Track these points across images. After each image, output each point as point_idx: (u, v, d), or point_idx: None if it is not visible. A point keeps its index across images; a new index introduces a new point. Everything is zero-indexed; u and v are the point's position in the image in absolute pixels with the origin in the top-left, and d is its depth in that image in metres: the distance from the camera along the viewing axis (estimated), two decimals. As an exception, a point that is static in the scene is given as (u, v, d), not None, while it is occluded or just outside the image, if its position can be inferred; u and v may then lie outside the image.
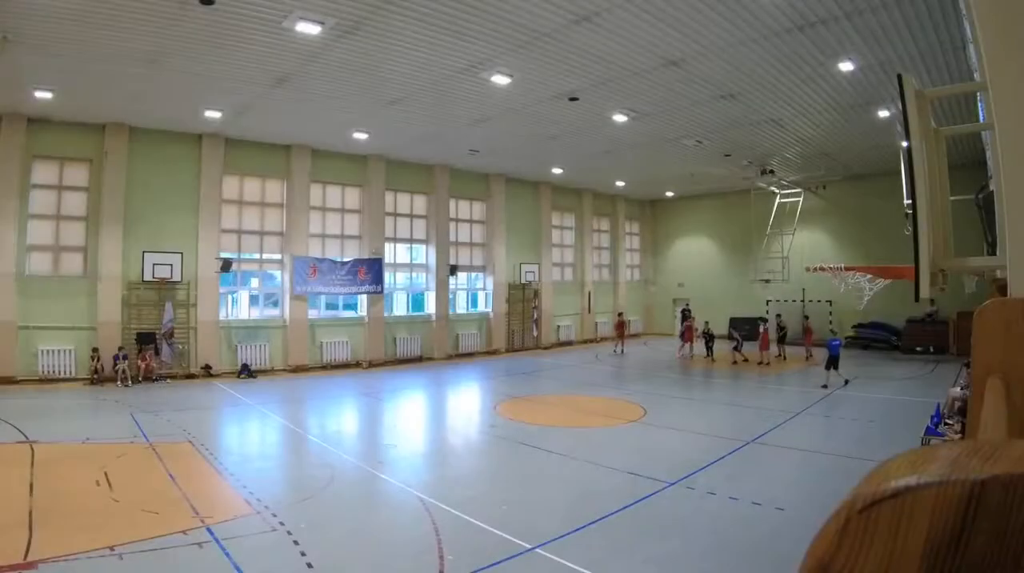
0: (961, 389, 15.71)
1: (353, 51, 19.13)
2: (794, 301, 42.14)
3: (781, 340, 34.72)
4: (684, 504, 12.09)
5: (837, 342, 25.56)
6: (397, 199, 36.24)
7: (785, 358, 33.08)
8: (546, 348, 40.20)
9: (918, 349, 35.96)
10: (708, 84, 22.13)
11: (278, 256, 31.74)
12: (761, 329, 33.29)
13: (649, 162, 35.66)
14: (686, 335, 36.60)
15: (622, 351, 35.24)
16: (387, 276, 34.85)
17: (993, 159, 9.32)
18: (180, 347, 27.62)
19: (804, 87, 22.45)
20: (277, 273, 32.14)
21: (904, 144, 7.12)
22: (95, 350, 25.68)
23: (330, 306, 34.00)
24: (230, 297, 31.03)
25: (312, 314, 32.36)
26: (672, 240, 52.49)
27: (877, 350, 37.04)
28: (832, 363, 25.16)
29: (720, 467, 14.57)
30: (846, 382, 24.97)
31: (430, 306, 37.24)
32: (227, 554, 9.56)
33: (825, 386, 24.32)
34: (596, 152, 33.15)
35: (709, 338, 33.65)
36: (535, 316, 41.34)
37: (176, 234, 28.01)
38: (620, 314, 38.54)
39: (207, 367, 28.31)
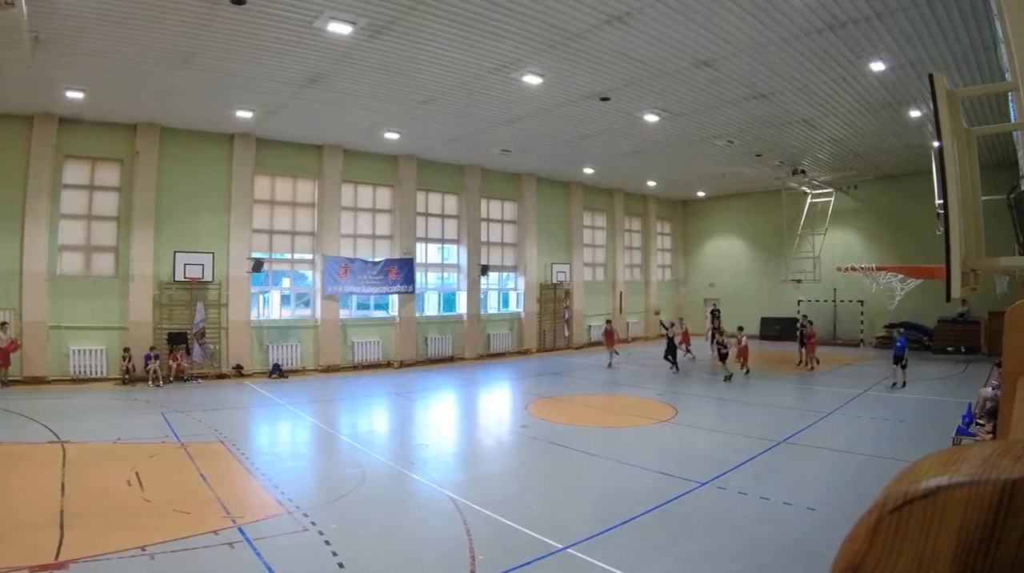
0: (992, 389, 15.58)
1: (384, 51, 19.11)
2: (825, 301, 42.00)
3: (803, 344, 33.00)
4: (715, 504, 12.00)
5: (903, 341, 25.23)
6: (428, 199, 36.25)
7: (809, 365, 31.00)
8: (577, 348, 40.10)
9: (949, 349, 35.66)
10: (739, 84, 22.05)
11: (309, 256, 31.77)
12: (806, 329, 32.05)
13: (680, 162, 35.60)
14: (682, 338, 34.98)
15: (609, 364, 32.39)
16: (418, 276, 34.85)
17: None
18: (211, 347, 27.66)
19: (835, 87, 22.32)
20: (308, 273, 32.17)
21: (935, 144, 7.05)
22: (126, 350, 25.75)
23: (361, 306, 33.99)
24: (261, 297, 31.12)
25: (343, 314, 32.37)
26: (703, 240, 52.34)
27: (909, 350, 36.60)
28: (898, 361, 24.78)
29: (751, 467, 14.51)
30: (896, 384, 24.66)
31: (461, 306, 37.27)
32: (258, 554, 9.53)
33: (895, 384, 24.38)
34: (627, 152, 33.08)
35: (722, 346, 30.12)
36: (566, 316, 41.32)
37: (207, 234, 28.11)
38: (608, 321, 36.11)
39: (238, 367, 28.38)
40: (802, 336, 32.55)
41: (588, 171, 39.19)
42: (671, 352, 30.16)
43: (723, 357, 28.41)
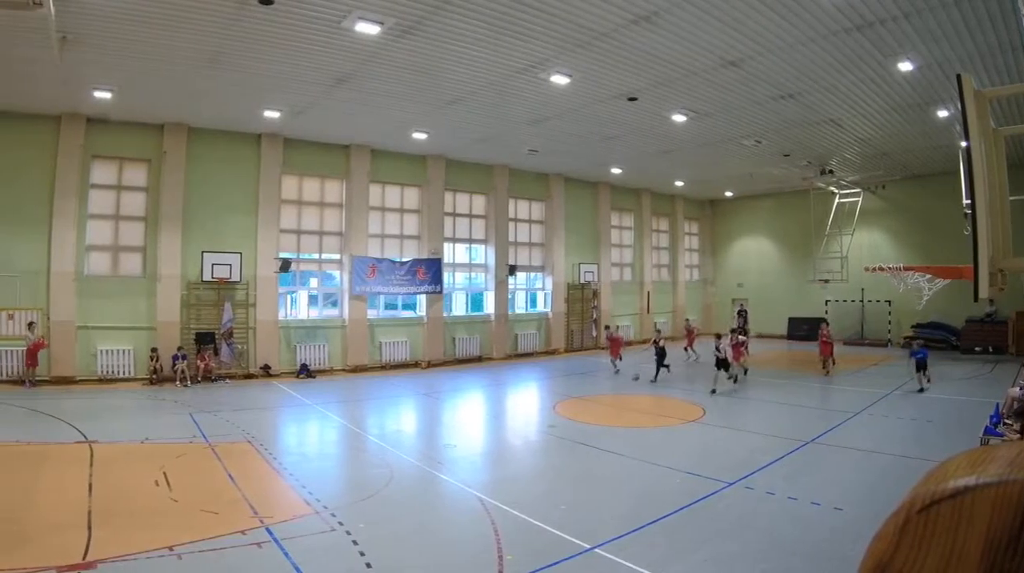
0: (1020, 389, 15.48)
1: (412, 51, 19.12)
2: (853, 301, 42.05)
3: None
4: (743, 504, 11.95)
5: (924, 352, 24.44)
6: (456, 199, 36.31)
7: (825, 368, 29.32)
8: (605, 348, 40.11)
9: (977, 349, 35.51)
10: (767, 84, 22.00)
11: (337, 256, 31.84)
12: (824, 330, 30.43)
13: (708, 162, 35.56)
14: (688, 339, 35.33)
15: (616, 371, 30.70)
16: (446, 276, 34.91)
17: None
18: (239, 347, 27.74)
19: (863, 87, 22.25)
20: (336, 273, 32.22)
21: (963, 144, 7.00)
22: (154, 350, 25.85)
23: (389, 306, 34.07)
24: (289, 297, 31.23)
25: (371, 314, 32.45)
26: (731, 240, 52.25)
27: (936, 350, 36.26)
28: (921, 367, 23.97)
29: (779, 467, 14.45)
30: (921, 389, 23.71)
31: (489, 306, 37.31)
32: (286, 554, 9.52)
33: (921, 389, 23.53)
34: (655, 152, 33.05)
35: (719, 351, 26.05)
36: (594, 316, 41.28)
37: (235, 234, 28.20)
38: (607, 327, 35.54)
39: (266, 367, 28.44)
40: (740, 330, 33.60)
41: (616, 171, 39.19)
42: (662, 359, 27.76)
43: (721, 364, 24.53)
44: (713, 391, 23.40)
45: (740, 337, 27.04)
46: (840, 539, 10.00)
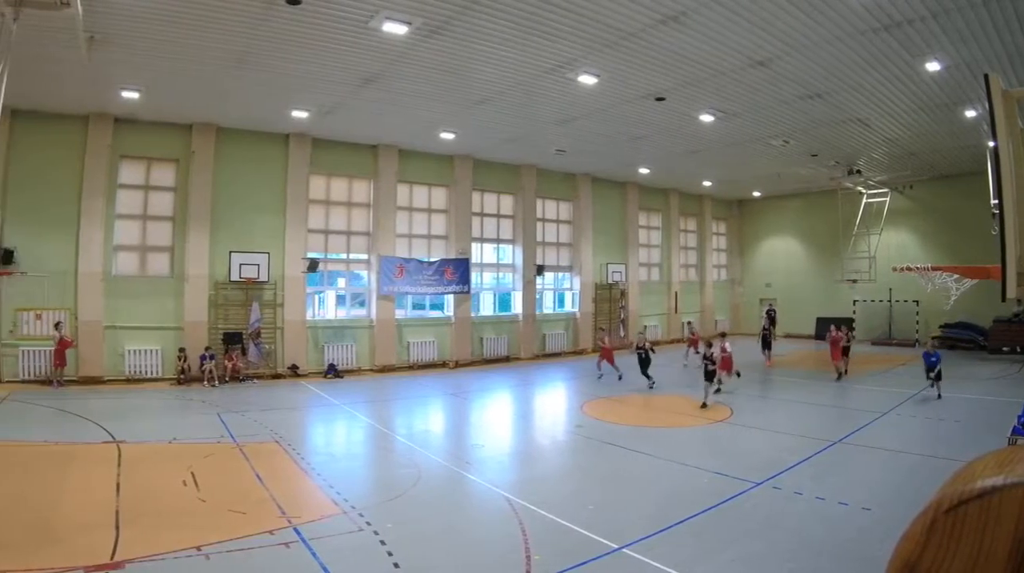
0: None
1: (440, 51, 19.13)
2: (881, 301, 41.99)
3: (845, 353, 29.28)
4: (771, 504, 12.02)
5: (936, 357, 22.86)
6: (484, 199, 36.34)
7: (836, 374, 27.66)
8: (632, 346, 40.08)
9: (1005, 349, 35.20)
10: (795, 84, 21.93)
11: (365, 256, 31.90)
12: (833, 333, 28.62)
13: (736, 162, 35.48)
14: (691, 345, 33.14)
15: (599, 376, 28.41)
16: (474, 276, 34.93)
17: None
18: (267, 347, 27.78)
19: (890, 87, 22.14)
20: (364, 273, 32.28)
21: (991, 144, 6.92)
22: (182, 350, 25.96)
23: (417, 306, 34.09)
24: (317, 297, 31.29)
25: (399, 314, 32.49)
26: (759, 240, 52.19)
27: (964, 350, 36.50)
28: (935, 375, 22.69)
29: (807, 467, 14.46)
30: (938, 396, 22.65)
31: (517, 306, 37.32)
32: (314, 554, 9.55)
33: (940, 396, 22.45)
34: (683, 152, 33.00)
35: (709, 361, 23.09)
36: (622, 316, 41.23)
37: (263, 234, 28.29)
38: (601, 328, 34.70)
39: (294, 367, 28.49)
40: (765, 339, 32.78)
41: (643, 171, 39.13)
42: (645, 366, 26.01)
43: (709, 375, 22.14)
44: (704, 405, 21.33)
45: (727, 346, 24.85)
46: (868, 539, 10.01)
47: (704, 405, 21.19)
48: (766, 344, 32.73)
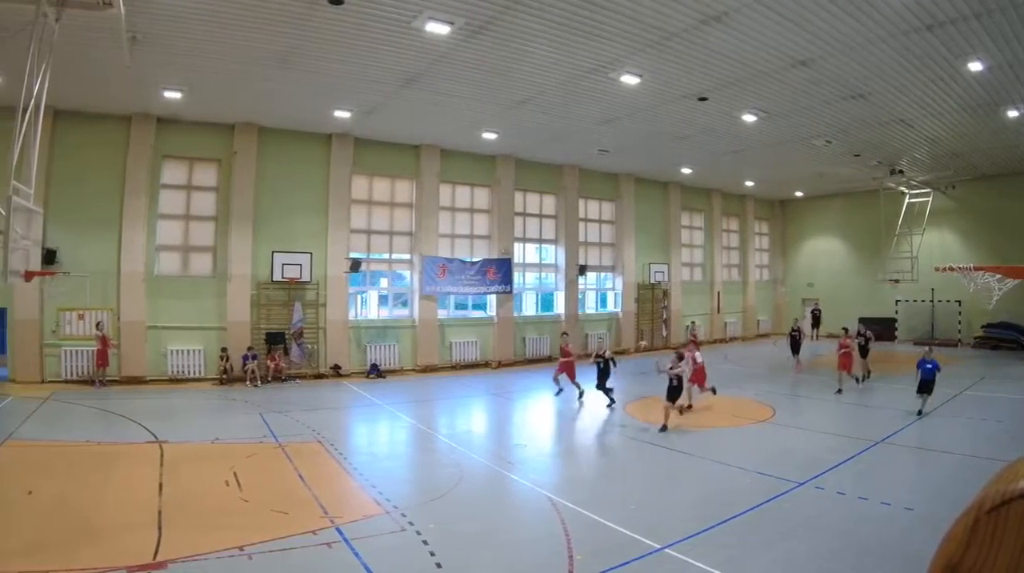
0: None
1: (482, 51, 19.14)
2: (923, 301, 41.87)
3: (863, 354, 27.49)
4: (813, 504, 12.06)
5: (932, 365, 20.06)
6: (526, 199, 36.31)
7: (862, 378, 26.02)
8: (675, 348, 39.90)
9: (1047, 349, 34.85)
10: (837, 84, 21.82)
11: (407, 256, 31.93)
12: (842, 338, 25.74)
13: (778, 162, 35.33)
14: (688, 348, 27.99)
15: (558, 391, 23.94)
16: (516, 276, 34.92)
17: None
18: (309, 347, 27.88)
19: (933, 87, 22.00)
20: (406, 273, 32.37)
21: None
22: (224, 350, 26.09)
23: (459, 306, 34.13)
24: (359, 297, 31.33)
25: (441, 314, 32.53)
26: (801, 240, 52.01)
27: (1006, 350, 36.43)
28: (925, 388, 19.88)
29: (849, 467, 14.47)
30: (920, 413, 19.89)
31: (559, 306, 37.26)
32: (356, 554, 9.56)
33: (921, 413, 19.83)
34: (725, 152, 32.89)
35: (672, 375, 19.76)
36: (664, 316, 41.22)
37: (305, 234, 28.38)
38: (565, 334, 26.86)
39: (336, 367, 28.55)
40: (794, 343, 31.34)
41: (686, 171, 39.01)
42: (604, 378, 22.59)
43: (673, 394, 18.70)
44: (664, 428, 18.07)
45: (698, 355, 22.12)
46: (910, 539, 10.02)
47: (664, 428, 17.98)
48: (795, 348, 31.44)
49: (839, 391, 23.92)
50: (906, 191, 38.61)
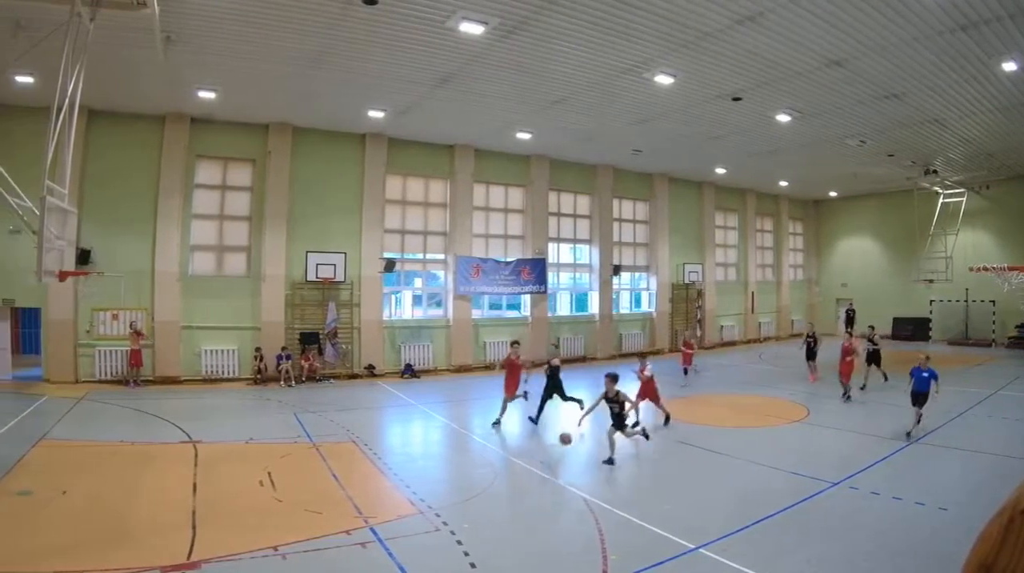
0: None
1: (516, 51, 19.13)
2: (957, 301, 41.76)
3: (874, 360, 25.54)
4: (848, 504, 12.04)
5: (928, 373, 17.71)
6: (560, 199, 36.27)
7: (846, 393, 23.01)
8: (709, 348, 39.81)
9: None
10: (871, 84, 21.73)
11: (441, 256, 32.00)
12: (848, 339, 24.43)
13: (812, 162, 35.26)
14: (684, 357, 27.95)
15: (498, 422, 20.14)
16: (550, 276, 34.91)
17: None
18: (344, 347, 27.95)
19: (967, 87, 21.86)
20: (440, 273, 32.41)
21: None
22: (258, 350, 26.18)
23: (494, 306, 34.20)
24: (393, 297, 31.44)
25: (476, 314, 32.60)
26: (835, 240, 51.86)
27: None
28: (917, 400, 17.59)
29: (883, 467, 14.43)
30: (909, 434, 17.09)
31: (593, 306, 37.25)
32: (391, 554, 9.56)
33: (910, 434, 17.07)
34: (759, 152, 32.79)
35: (615, 401, 17.16)
36: (699, 316, 41.17)
37: (339, 234, 28.47)
38: (516, 343, 23.11)
39: (370, 367, 28.62)
40: (810, 349, 27.86)
41: (720, 171, 38.97)
42: (556, 390, 20.34)
43: (618, 421, 15.67)
44: (610, 461, 14.98)
45: (649, 366, 19.50)
46: (945, 539, 10.01)
47: (610, 460, 14.88)
48: (811, 355, 28.03)
49: (847, 397, 22.48)
50: (940, 191, 38.49)
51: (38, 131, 14.62)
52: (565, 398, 20.38)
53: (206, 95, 22.88)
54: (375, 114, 25.76)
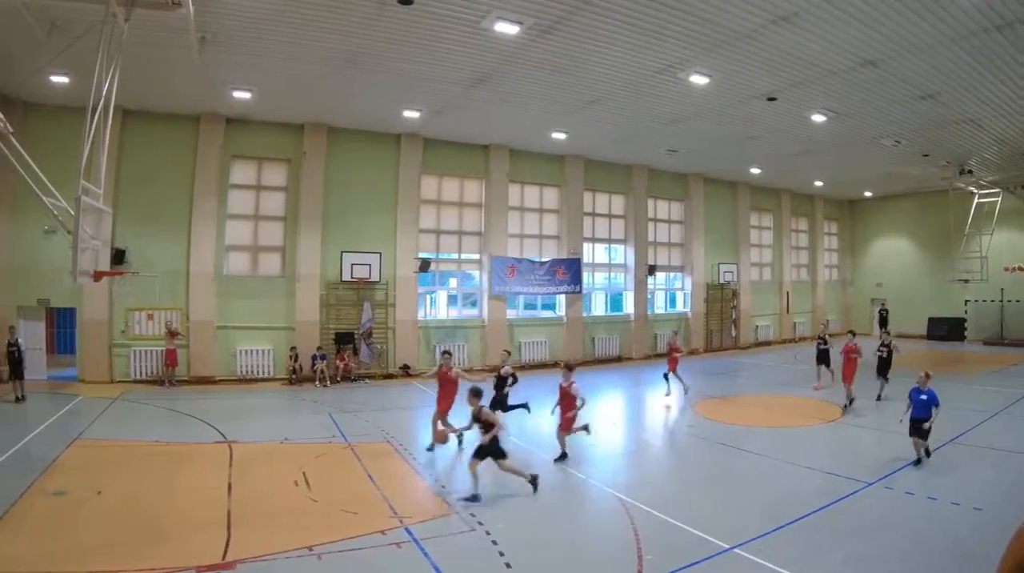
0: None
1: (551, 51, 19.10)
2: (992, 301, 41.73)
3: (883, 371, 23.01)
4: (882, 504, 12.08)
5: (928, 396, 15.03)
6: (595, 199, 36.20)
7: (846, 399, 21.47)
8: (744, 348, 39.71)
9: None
10: (906, 84, 21.58)
11: (477, 256, 32.00)
12: (851, 339, 22.76)
13: (847, 162, 35.07)
14: (670, 362, 24.93)
15: (431, 446, 17.37)
16: (585, 276, 34.78)
17: None
18: (378, 347, 27.97)
19: (1002, 87, 21.73)
20: (475, 273, 32.44)
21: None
22: (293, 350, 26.22)
23: (528, 306, 34.19)
24: (428, 297, 31.42)
25: (510, 314, 32.58)
26: (870, 240, 51.65)
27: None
28: (917, 431, 14.67)
29: (918, 467, 14.49)
30: (918, 461, 14.72)
31: (628, 306, 37.22)
32: (426, 554, 9.59)
33: (921, 460, 14.79)
34: (794, 152, 32.68)
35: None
36: (733, 316, 41.07)
37: (374, 234, 28.50)
38: (446, 353, 20.03)
39: (405, 367, 28.61)
40: (822, 352, 25.83)
41: (755, 171, 38.87)
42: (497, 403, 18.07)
43: (486, 450, 12.91)
44: (474, 497, 12.21)
45: (573, 380, 16.77)
46: (980, 539, 10.10)
47: (474, 497, 12.20)
48: (823, 359, 25.76)
49: (849, 403, 20.90)
50: (975, 191, 38.21)
51: (73, 131, 14.64)
52: (506, 409, 18.33)
53: (241, 95, 22.96)
54: (410, 114, 25.78)
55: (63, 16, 15.52)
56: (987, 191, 38.01)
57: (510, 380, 18.55)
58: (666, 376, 24.59)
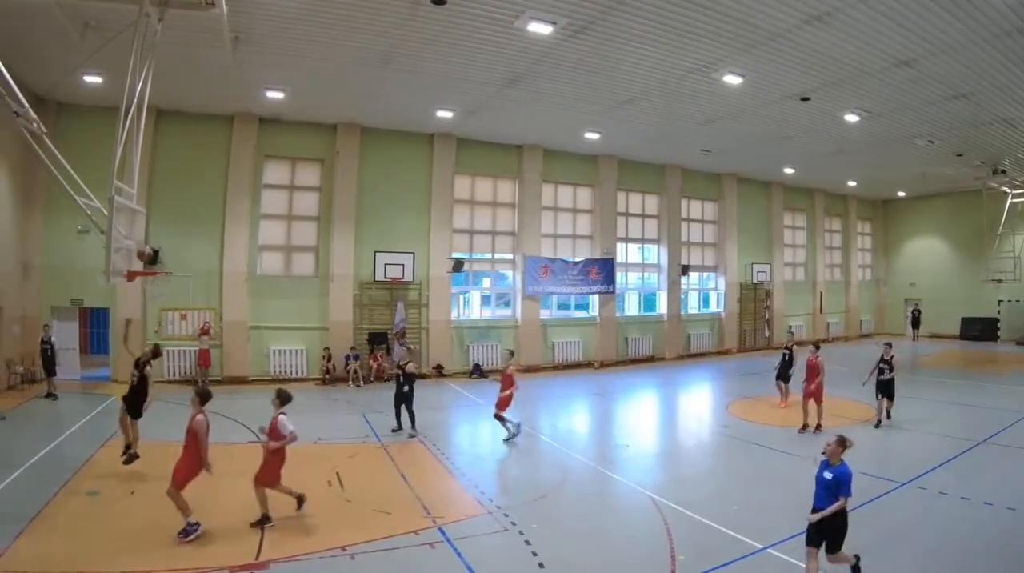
0: None
1: (584, 51, 19.07)
2: None
3: (885, 390, 19.39)
4: (916, 504, 12.21)
5: (834, 475, 10.50)
6: (629, 199, 36.11)
7: (804, 421, 18.91)
8: (778, 348, 39.39)
9: None
10: (939, 84, 21.46)
11: (510, 256, 31.99)
12: (814, 354, 19.85)
13: (881, 162, 34.93)
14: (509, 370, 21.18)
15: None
16: (619, 276, 34.74)
17: None
18: (412, 347, 27.79)
19: (1036, 87, 21.56)
20: (509, 273, 32.40)
21: None
22: (327, 350, 26.26)
23: (562, 306, 34.11)
24: (461, 297, 31.50)
25: (544, 314, 32.54)
26: (904, 240, 51.39)
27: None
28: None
29: (952, 467, 14.59)
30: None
31: (662, 306, 37.15)
32: (459, 554, 9.61)
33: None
34: (828, 152, 32.51)
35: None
36: (767, 316, 40.94)
37: (407, 234, 28.51)
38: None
39: (438, 367, 28.64)
40: (784, 364, 22.41)
41: (788, 171, 38.72)
42: (402, 402, 18.13)
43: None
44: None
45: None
46: (1013, 539, 10.33)
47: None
48: (783, 374, 22.29)
49: (815, 428, 18.34)
50: (1009, 191, 37.77)
51: (106, 131, 14.67)
52: (412, 410, 18.02)
53: (274, 95, 23.06)
54: (443, 114, 25.79)
55: (96, 16, 15.64)
56: (1020, 191, 37.56)
57: (413, 378, 18.36)
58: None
